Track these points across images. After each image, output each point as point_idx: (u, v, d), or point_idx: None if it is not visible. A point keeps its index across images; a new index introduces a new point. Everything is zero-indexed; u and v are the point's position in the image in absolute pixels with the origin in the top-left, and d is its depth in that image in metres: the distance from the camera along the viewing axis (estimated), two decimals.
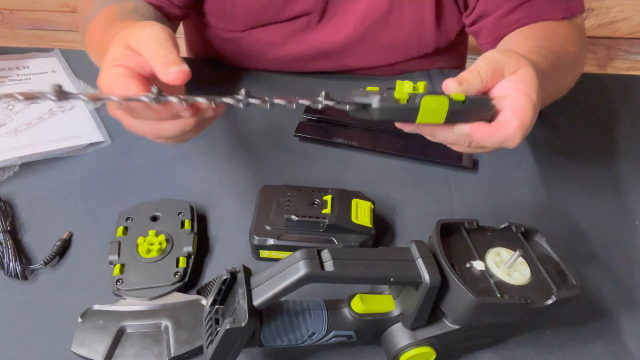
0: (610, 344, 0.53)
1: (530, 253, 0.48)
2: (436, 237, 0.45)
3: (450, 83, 0.45)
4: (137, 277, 0.53)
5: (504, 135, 0.45)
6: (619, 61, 1.91)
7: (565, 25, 0.71)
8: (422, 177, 0.69)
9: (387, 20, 0.76)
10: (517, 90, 0.46)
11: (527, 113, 0.45)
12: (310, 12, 0.77)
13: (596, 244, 0.62)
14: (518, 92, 0.46)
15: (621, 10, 1.80)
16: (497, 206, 0.66)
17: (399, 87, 0.45)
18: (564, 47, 0.65)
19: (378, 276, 0.43)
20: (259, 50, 0.83)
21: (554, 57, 0.59)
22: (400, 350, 0.46)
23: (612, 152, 0.73)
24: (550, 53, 0.59)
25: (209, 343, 0.43)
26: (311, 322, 0.45)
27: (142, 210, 0.60)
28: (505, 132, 0.45)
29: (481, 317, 0.44)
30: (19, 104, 0.74)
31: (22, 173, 0.67)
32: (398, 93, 0.43)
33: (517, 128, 0.45)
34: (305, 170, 0.69)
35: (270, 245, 0.56)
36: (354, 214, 0.57)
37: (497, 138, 0.45)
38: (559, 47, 0.64)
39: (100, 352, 0.48)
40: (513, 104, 0.46)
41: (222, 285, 0.44)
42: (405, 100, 0.43)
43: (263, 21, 0.79)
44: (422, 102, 0.43)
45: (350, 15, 0.77)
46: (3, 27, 2.09)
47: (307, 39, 0.80)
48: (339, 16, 0.77)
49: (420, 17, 0.75)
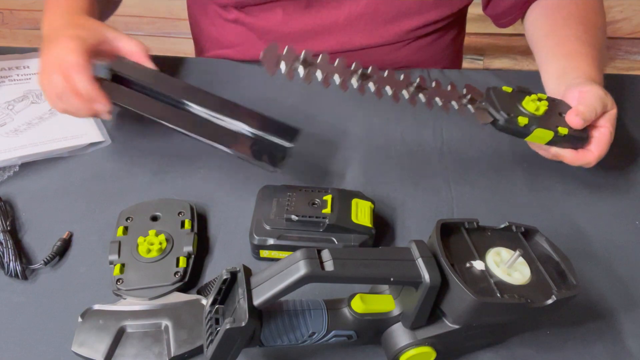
0: (610, 344, 0.53)
1: (530, 253, 0.48)
2: (436, 237, 0.45)
3: (576, 119, 0.58)
4: (137, 276, 0.53)
5: (584, 161, 0.61)
6: (619, 61, 1.91)
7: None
8: (422, 177, 0.69)
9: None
10: (606, 127, 0.61)
11: (606, 147, 0.61)
12: None
13: (596, 244, 0.62)
14: (605, 129, 0.61)
15: (621, 10, 1.80)
16: (497, 206, 0.66)
17: (525, 104, 0.59)
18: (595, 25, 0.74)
19: (378, 276, 0.43)
20: (261, 29, 0.84)
21: (598, 52, 0.70)
22: (400, 350, 0.46)
23: (612, 152, 0.73)
24: (595, 51, 0.69)
25: (209, 343, 0.43)
26: (311, 321, 0.45)
27: (142, 210, 0.60)
28: (586, 159, 0.61)
29: (481, 316, 0.44)
30: (19, 104, 0.74)
31: (22, 173, 0.67)
32: (521, 120, 0.57)
33: (596, 157, 0.61)
34: (306, 170, 0.69)
35: (270, 245, 0.56)
36: (354, 213, 0.57)
37: (579, 162, 0.62)
38: (593, 29, 0.73)
39: (100, 351, 0.48)
40: (600, 138, 0.61)
41: (222, 285, 0.44)
42: (523, 125, 0.58)
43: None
44: (534, 131, 0.58)
45: None
46: (3, 27, 2.09)
47: (310, 15, 0.81)
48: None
49: None
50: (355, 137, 0.75)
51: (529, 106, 0.59)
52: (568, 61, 0.68)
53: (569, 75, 0.65)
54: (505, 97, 0.59)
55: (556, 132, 0.58)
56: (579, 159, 0.61)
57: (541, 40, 0.75)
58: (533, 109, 0.58)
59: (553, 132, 0.58)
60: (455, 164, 0.71)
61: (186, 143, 0.72)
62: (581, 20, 0.73)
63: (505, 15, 0.83)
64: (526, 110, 0.59)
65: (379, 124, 0.77)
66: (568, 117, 0.59)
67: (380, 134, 0.75)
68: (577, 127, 0.59)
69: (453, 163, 0.71)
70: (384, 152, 0.72)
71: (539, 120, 0.58)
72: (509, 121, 0.57)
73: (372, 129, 0.76)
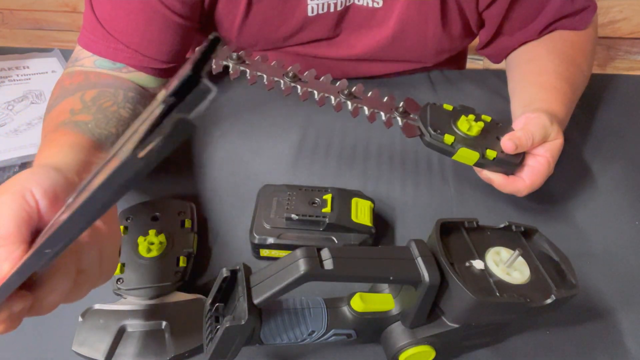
0: (610, 344, 0.53)
1: (530, 252, 0.48)
2: (436, 236, 0.45)
3: (508, 144, 0.56)
4: (137, 276, 0.53)
5: (514, 188, 0.59)
6: (619, 61, 1.91)
7: (581, 35, 0.75)
8: (422, 176, 0.69)
9: (390, 45, 0.76)
10: (544, 157, 0.58)
11: (540, 177, 0.58)
12: (320, 39, 0.76)
13: (596, 244, 0.62)
14: (543, 158, 0.58)
15: (621, 10, 1.80)
16: (497, 206, 0.66)
17: (459, 123, 0.58)
18: (579, 67, 0.72)
19: (378, 275, 0.43)
20: None
21: (572, 91, 0.69)
22: (399, 349, 0.46)
23: (612, 151, 0.73)
24: (570, 88, 0.68)
25: (209, 341, 0.43)
26: (311, 320, 0.45)
27: (142, 210, 0.60)
28: (516, 187, 0.59)
29: (480, 316, 0.44)
30: (18, 104, 0.74)
31: None
32: (447, 138, 0.57)
33: (527, 186, 0.58)
34: (306, 169, 0.69)
35: (270, 244, 0.56)
36: (354, 213, 0.57)
37: (509, 189, 0.59)
38: (576, 70, 0.71)
39: (101, 351, 0.48)
40: (535, 167, 0.58)
41: (223, 283, 0.44)
42: (450, 143, 0.57)
43: (272, 46, 0.78)
44: (459, 150, 0.57)
45: (359, 42, 0.76)
46: (3, 27, 2.09)
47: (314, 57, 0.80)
48: (346, 42, 0.77)
49: (423, 41, 0.75)
50: (355, 136, 0.75)
51: (462, 126, 0.58)
52: (538, 91, 0.67)
53: (533, 104, 0.64)
54: (442, 114, 0.59)
55: (483, 154, 0.57)
56: (508, 185, 0.59)
57: (521, 64, 0.75)
58: (465, 128, 0.58)
59: (479, 153, 0.57)
60: (455, 163, 0.71)
61: (186, 143, 0.72)
62: (567, 59, 0.71)
63: (499, 55, 0.81)
64: (458, 130, 0.58)
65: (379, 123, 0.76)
66: (502, 140, 0.57)
67: (380, 134, 0.75)
68: (509, 151, 0.57)
69: (453, 162, 0.71)
70: (384, 152, 0.72)
71: (467, 141, 0.57)
72: (434, 137, 0.57)
73: (372, 128, 0.76)
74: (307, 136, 0.74)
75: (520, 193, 0.59)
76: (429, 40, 0.75)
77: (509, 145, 0.56)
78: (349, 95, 0.58)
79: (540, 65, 0.71)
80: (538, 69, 0.71)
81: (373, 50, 0.76)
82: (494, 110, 0.68)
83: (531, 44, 0.76)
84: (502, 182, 0.59)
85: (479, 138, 0.58)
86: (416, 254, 0.43)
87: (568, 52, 0.73)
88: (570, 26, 0.75)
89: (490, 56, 0.83)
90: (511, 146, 0.56)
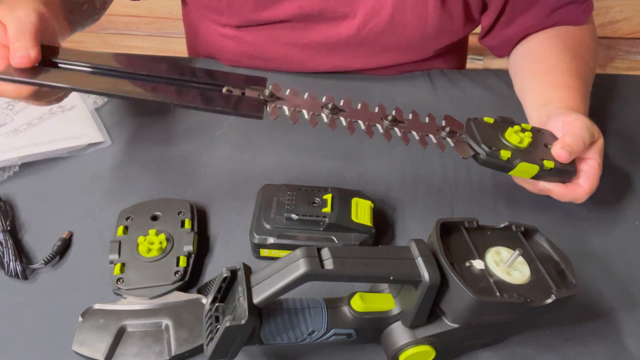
0: (610, 344, 0.53)
1: (530, 252, 0.48)
2: (436, 236, 0.45)
3: (561, 153, 0.55)
4: (137, 276, 0.53)
5: (575, 196, 0.57)
6: (619, 61, 1.91)
7: (584, 31, 0.74)
8: (422, 176, 0.69)
9: (390, 25, 0.76)
10: (594, 159, 0.58)
11: (596, 179, 0.57)
12: (308, 14, 0.76)
13: (596, 244, 0.62)
14: (594, 161, 0.57)
15: (621, 10, 1.80)
16: (497, 206, 0.66)
17: (508, 136, 0.55)
18: (587, 64, 0.72)
19: (378, 274, 0.43)
20: (258, 47, 0.83)
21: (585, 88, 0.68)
22: (399, 349, 0.46)
23: (612, 152, 0.73)
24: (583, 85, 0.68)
25: (209, 340, 0.43)
26: (311, 320, 0.45)
27: (142, 209, 0.60)
28: (577, 194, 0.57)
29: (480, 315, 0.44)
30: (19, 104, 0.74)
31: (22, 173, 0.67)
32: (504, 153, 0.54)
33: (587, 192, 0.57)
34: (306, 169, 0.69)
35: (270, 244, 0.56)
36: (354, 212, 0.57)
37: (569, 197, 0.58)
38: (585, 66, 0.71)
39: (101, 351, 0.48)
40: (589, 171, 0.57)
41: (223, 283, 0.44)
42: (506, 159, 0.54)
43: (257, 21, 0.79)
44: (518, 165, 0.54)
45: (353, 17, 0.77)
46: None
47: (309, 37, 0.80)
48: (341, 19, 0.77)
49: (424, 22, 0.75)
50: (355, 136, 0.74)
51: (512, 138, 0.55)
52: (553, 91, 0.66)
53: (551, 105, 0.63)
54: (487, 129, 0.56)
55: (542, 165, 0.54)
56: (569, 194, 0.57)
57: (529, 65, 0.74)
58: (516, 141, 0.55)
59: (538, 166, 0.54)
60: (455, 163, 0.71)
61: (186, 143, 0.72)
62: (574, 55, 0.71)
63: (502, 46, 0.80)
64: (509, 143, 0.55)
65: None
66: (554, 150, 0.55)
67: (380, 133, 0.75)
68: (564, 160, 0.55)
69: (453, 162, 0.71)
70: (384, 152, 0.72)
71: (523, 154, 0.55)
72: (490, 155, 0.54)
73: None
74: (307, 136, 0.74)
75: (580, 199, 0.58)
76: (429, 16, 0.74)
77: (563, 154, 0.55)
78: (394, 121, 0.56)
79: (550, 64, 0.71)
80: (548, 68, 0.70)
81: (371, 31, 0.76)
82: (494, 110, 0.69)
83: (536, 41, 0.76)
84: (561, 192, 0.57)
85: (530, 149, 0.56)
86: (416, 253, 0.43)
87: (575, 49, 0.72)
88: (572, 18, 0.74)
89: (493, 48, 0.82)
90: (565, 155, 0.55)
